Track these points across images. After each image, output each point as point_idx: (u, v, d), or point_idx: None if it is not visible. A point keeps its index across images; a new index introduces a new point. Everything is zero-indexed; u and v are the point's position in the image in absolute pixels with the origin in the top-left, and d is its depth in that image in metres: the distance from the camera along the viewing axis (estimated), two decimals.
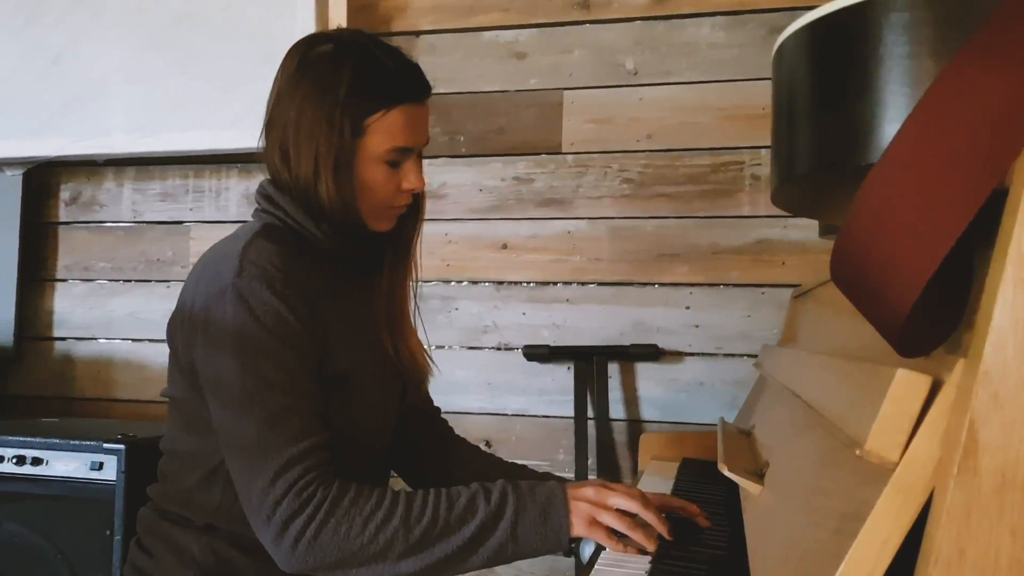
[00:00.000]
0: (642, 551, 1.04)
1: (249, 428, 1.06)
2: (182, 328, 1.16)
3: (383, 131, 1.16)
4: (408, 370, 1.32)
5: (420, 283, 1.34)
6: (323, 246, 1.21)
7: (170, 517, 1.21)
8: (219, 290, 1.10)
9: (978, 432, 0.45)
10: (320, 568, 1.04)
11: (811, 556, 0.58)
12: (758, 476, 0.99)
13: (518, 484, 1.10)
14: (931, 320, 0.57)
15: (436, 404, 1.50)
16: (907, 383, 0.49)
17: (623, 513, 1.07)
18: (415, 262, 1.32)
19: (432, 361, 1.36)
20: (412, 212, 1.29)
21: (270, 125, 1.20)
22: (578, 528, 1.06)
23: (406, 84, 1.18)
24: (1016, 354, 0.45)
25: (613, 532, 1.06)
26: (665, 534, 1.07)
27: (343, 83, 1.14)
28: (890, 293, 0.53)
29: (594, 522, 1.06)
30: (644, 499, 1.09)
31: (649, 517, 1.07)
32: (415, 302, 1.34)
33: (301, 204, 1.19)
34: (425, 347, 1.35)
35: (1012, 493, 0.45)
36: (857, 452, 0.49)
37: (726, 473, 0.95)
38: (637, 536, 1.05)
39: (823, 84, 0.78)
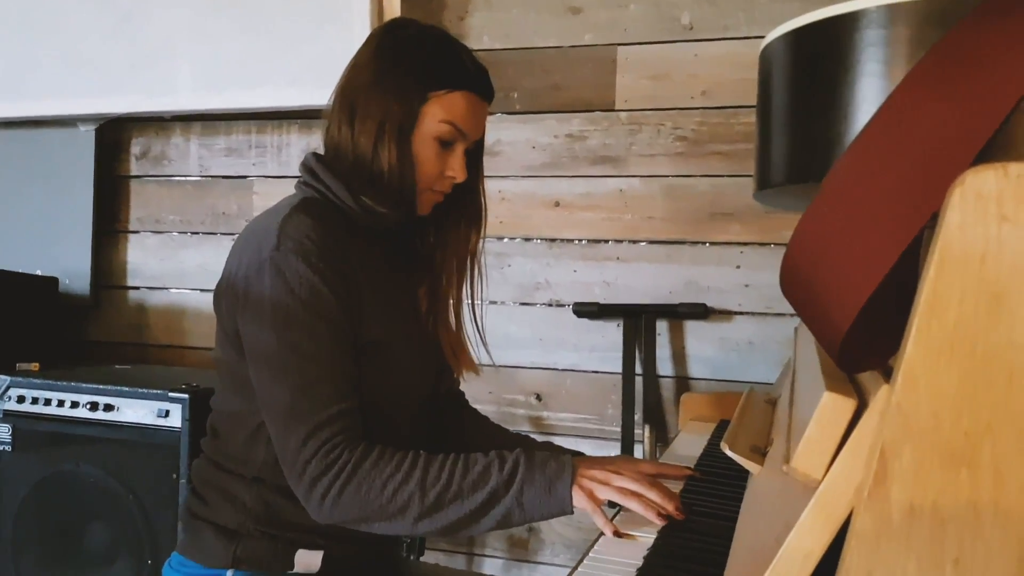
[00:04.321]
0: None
1: (283, 394, 1.14)
2: (226, 297, 1.23)
3: (442, 105, 1.22)
4: (449, 363, 1.40)
5: (484, 280, 1.39)
6: (359, 220, 1.26)
7: (223, 468, 1.29)
8: (258, 263, 1.17)
9: (889, 461, 0.47)
10: (345, 522, 1.14)
11: (759, 557, 0.60)
12: (763, 454, 1.01)
13: (532, 455, 1.15)
14: (881, 335, 0.58)
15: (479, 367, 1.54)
16: (832, 407, 0.51)
17: (630, 491, 1.12)
18: (480, 267, 1.38)
19: (487, 348, 1.42)
20: (475, 217, 1.36)
21: (342, 91, 1.26)
22: (577, 501, 1.11)
23: (475, 76, 1.25)
24: (927, 389, 0.46)
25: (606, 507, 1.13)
26: (673, 511, 1.10)
27: (420, 57, 1.22)
28: (831, 314, 0.55)
29: (592, 496, 1.11)
30: (650, 480, 1.14)
31: (653, 495, 1.11)
32: (474, 312, 1.39)
33: (343, 176, 1.24)
34: (481, 337, 1.41)
35: (919, 522, 0.47)
36: (784, 468, 0.51)
37: (727, 452, 0.97)
38: (636, 507, 1.11)
39: (798, 95, 0.78)
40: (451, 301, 1.37)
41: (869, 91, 0.68)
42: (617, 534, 1.09)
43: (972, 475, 0.46)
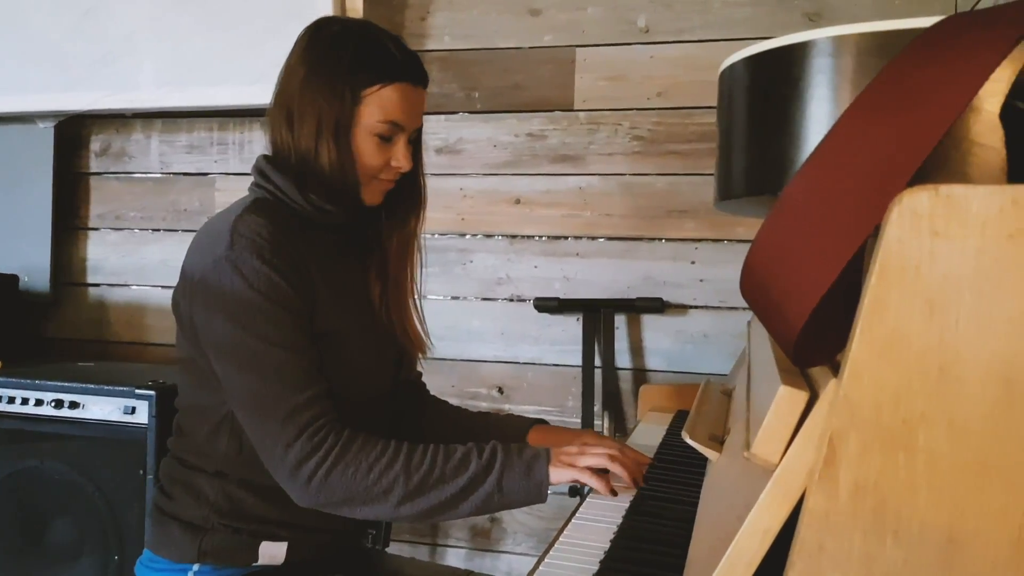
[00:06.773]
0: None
1: (254, 382, 1.18)
2: (184, 297, 1.27)
3: (377, 104, 1.25)
4: (404, 347, 1.44)
5: (424, 265, 1.44)
6: (311, 217, 1.30)
7: (187, 464, 1.33)
8: (213, 262, 1.20)
9: (837, 446, 0.53)
10: (328, 504, 1.18)
11: (721, 534, 0.66)
12: (720, 442, 1.07)
13: (509, 445, 1.21)
14: (830, 333, 0.65)
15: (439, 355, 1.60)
16: (788, 399, 0.57)
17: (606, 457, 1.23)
18: (419, 248, 1.43)
19: (428, 337, 1.46)
20: (413, 201, 1.39)
21: (278, 95, 1.30)
22: (559, 475, 1.19)
23: (404, 66, 1.28)
24: (870, 382, 0.52)
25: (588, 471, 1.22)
26: (638, 480, 1.22)
27: (346, 56, 1.25)
28: (786, 314, 0.61)
29: (573, 465, 1.19)
30: (618, 454, 1.24)
31: (616, 468, 1.21)
32: (419, 285, 1.44)
33: (292, 176, 1.28)
34: (421, 325, 1.45)
35: (864, 499, 0.53)
36: (744, 455, 0.58)
37: (687, 440, 1.03)
38: (617, 470, 1.22)
39: (756, 115, 0.85)
40: (401, 284, 1.40)
41: (818, 113, 0.75)
42: (613, 493, 1.20)
43: (908, 458, 0.53)
